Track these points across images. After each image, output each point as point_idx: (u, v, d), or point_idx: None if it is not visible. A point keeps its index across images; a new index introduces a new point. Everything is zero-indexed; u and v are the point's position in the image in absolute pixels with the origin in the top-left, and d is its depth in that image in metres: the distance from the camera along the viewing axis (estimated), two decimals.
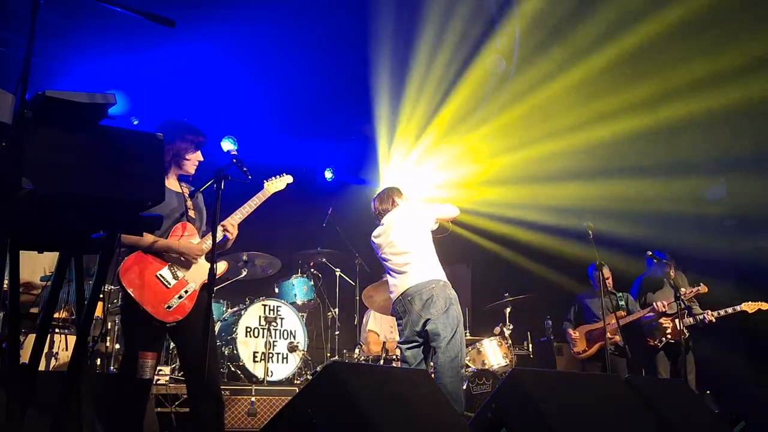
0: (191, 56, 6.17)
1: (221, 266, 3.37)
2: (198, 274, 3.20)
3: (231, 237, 3.37)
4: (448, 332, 3.91)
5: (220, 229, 3.31)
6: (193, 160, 3.33)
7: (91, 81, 5.97)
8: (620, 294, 6.10)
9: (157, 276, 3.08)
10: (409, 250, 4.20)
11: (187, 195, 3.33)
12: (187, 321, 3.07)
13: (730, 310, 5.47)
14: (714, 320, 5.47)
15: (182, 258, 3.17)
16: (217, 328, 5.37)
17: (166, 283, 3.09)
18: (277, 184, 3.78)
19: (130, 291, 2.98)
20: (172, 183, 3.31)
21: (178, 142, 3.27)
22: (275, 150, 7.37)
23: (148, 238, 3.08)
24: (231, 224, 3.36)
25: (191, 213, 3.30)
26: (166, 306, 3.04)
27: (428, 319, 3.96)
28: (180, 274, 3.15)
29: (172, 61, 6.17)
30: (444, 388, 3.65)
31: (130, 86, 6.31)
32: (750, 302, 5.44)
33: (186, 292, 3.12)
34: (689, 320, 5.48)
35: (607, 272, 5.94)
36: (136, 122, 6.42)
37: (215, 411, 3.07)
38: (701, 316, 5.51)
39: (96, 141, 1.71)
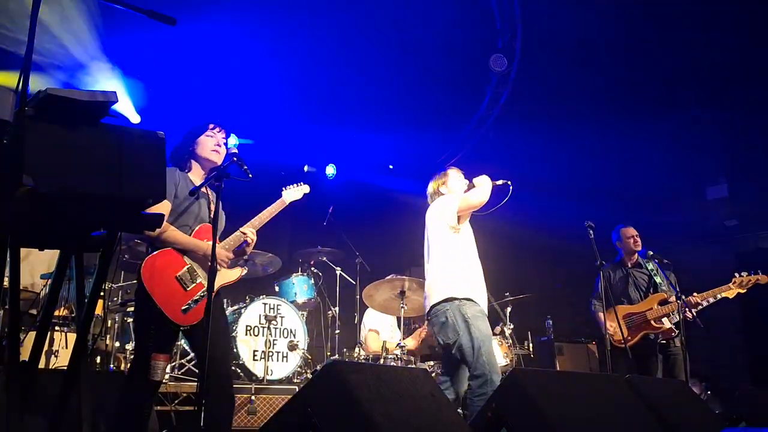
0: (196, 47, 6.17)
1: (238, 272, 3.34)
2: (216, 278, 3.17)
3: (250, 242, 3.33)
4: (472, 355, 3.56)
5: (239, 234, 3.30)
6: (209, 144, 3.26)
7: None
8: (651, 266, 5.23)
9: (176, 278, 3.03)
10: (428, 260, 3.85)
11: (212, 198, 3.27)
12: (202, 323, 3.01)
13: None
14: (691, 318, 4.92)
15: (204, 260, 3.11)
16: None
17: (184, 286, 3.04)
18: (295, 193, 3.75)
19: (147, 289, 2.93)
20: (199, 182, 3.26)
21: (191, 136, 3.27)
22: (279, 148, 7.36)
23: (178, 235, 3.06)
24: (250, 230, 3.33)
25: (211, 214, 3.26)
26: (182, 309, 2.99)
27: (447, 344, 3.67)
28: (199, 277, 3.10)
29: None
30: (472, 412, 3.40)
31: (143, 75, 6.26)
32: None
33: (202, 295, 3.06)
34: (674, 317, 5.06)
35: (633, 230, 5.34)
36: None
37: (228, 411, 3.05)
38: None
39: (97, 139, 1.71)
